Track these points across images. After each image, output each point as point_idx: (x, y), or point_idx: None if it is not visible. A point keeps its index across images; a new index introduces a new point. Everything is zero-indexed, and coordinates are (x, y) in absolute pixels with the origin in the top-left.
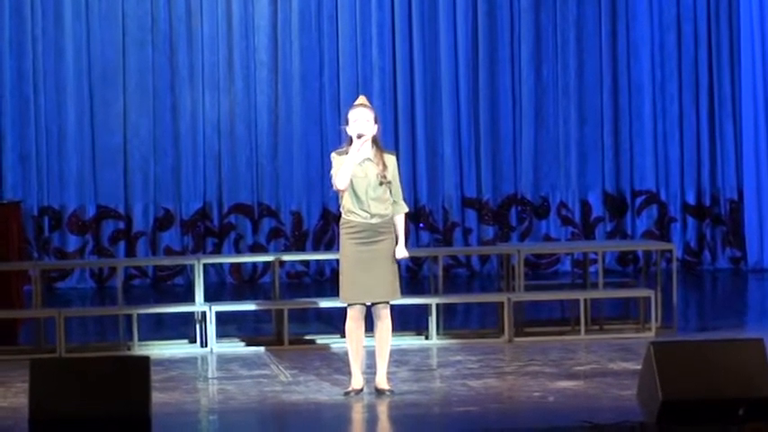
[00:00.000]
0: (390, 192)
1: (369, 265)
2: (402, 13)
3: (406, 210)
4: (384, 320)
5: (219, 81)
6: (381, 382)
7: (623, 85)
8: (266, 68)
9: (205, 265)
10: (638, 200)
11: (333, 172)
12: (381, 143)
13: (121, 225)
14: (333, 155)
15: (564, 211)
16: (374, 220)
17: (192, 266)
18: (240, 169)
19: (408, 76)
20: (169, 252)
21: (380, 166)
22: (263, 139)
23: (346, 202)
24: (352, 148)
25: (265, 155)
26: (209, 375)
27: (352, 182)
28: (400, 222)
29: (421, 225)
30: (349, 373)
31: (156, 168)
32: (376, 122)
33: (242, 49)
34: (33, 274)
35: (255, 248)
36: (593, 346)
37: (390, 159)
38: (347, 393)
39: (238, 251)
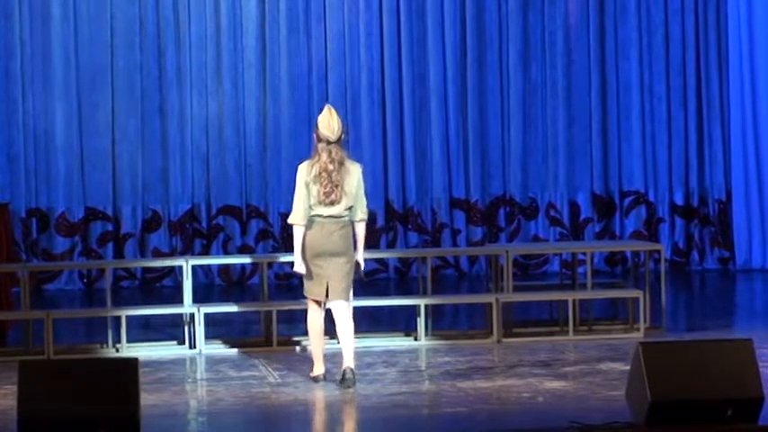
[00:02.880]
0: None
1: None
2: (390, 14)
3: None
4: None
5: (207, 82)
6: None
7: (611, 85)
8: (254, 70)
9: (193, 267)
10: (627, 200)
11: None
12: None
13: (110, 227)
14: (361, 169)
15: (552, 212)
16: None
17: (180, 268)
18: (228, 171)
19: (396, 77)
20: (157, 254)
21: None
22: (252, 141)
23: None
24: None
25: (254, 156)
26: (198, 377)
27: None
28: None
29: (409, 226)
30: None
31: (145, 170)
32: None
33: (230, 51)
34: (22, 276)
35: (244, 250)
36: (581, 347)
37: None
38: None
39: (227, 253)
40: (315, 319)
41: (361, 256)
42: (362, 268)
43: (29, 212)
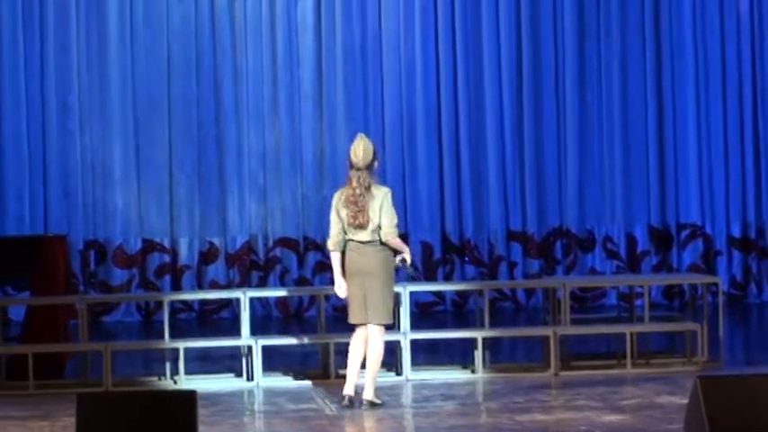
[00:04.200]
0: None
1: None
2: (446, 45)
3: None
4: None
5: (264, 114)
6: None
7: (668, 116)
8: (311, 101)
9: (251, 299)
10: (684, 233)
11: (394, 221)
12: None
13: (167, 258)
14: (391, 194)
15: (609, 245)
16: None
17: (237, 300)
18: (285, 203)
19: (453, 108)
20: (215, 286)
21: None
22: (308, 172)
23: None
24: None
25: (310, 188)
26: (256, 409)
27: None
28: None
29: (466, 259)
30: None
31: (202, 202)
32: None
33: (286, 83)
34: (80, 308)
35: (301, 282)
36: (639, 380)
37: None
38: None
39: (284, 285)
40: (356, 345)
41: (406, 253)
42: (409, 261)
43: (87, 244)
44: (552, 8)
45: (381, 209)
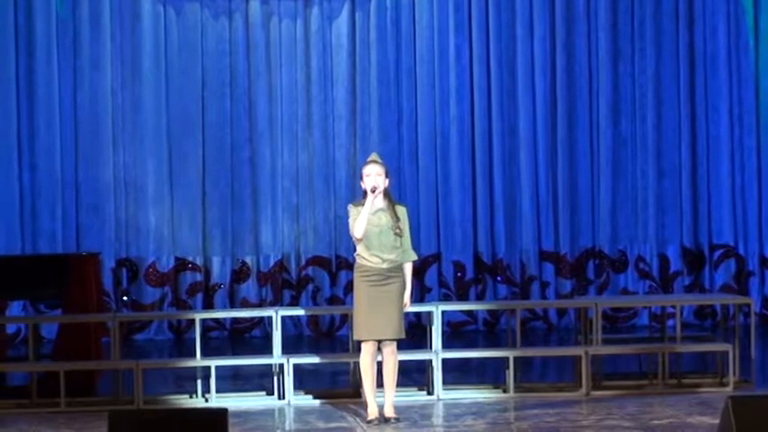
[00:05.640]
0: (400, 240)
1: (380, 305)
2: (480, 67)
3: (414, 258)
4: (393, 356)
5: (298, 134)
6: (389, 411)
7: (701, 138)
8: (344, 121)
9: (283, 318)
10: (716, 254)
11: (350, 222)
12: (392, 195)
13: (199, 277)
14: (350, 206)
15: (641, 265)
16: (385, 265)
17: (269, 319)
18: (318, 222)
19: (486, 129)
20: (246, 304)
21: (393, 218)
22: (341, 192)
23: (361, 249)
24: (367, 202)
25: (343, 207)
26: (287, 428)
27: (366, 230)
28: (408, 270)
29: (498, 278)
30: (365, 404)
31: (234, 221)
32: (387, 176)
33: (320, 102)
34: (111, 326)
35: (333, 301)
36: (670, 400)
37: (401, 210)
38: (371, 422)
39: (316, 304)
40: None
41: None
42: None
43: (119, 262)
44: (587, 29)
45: None
